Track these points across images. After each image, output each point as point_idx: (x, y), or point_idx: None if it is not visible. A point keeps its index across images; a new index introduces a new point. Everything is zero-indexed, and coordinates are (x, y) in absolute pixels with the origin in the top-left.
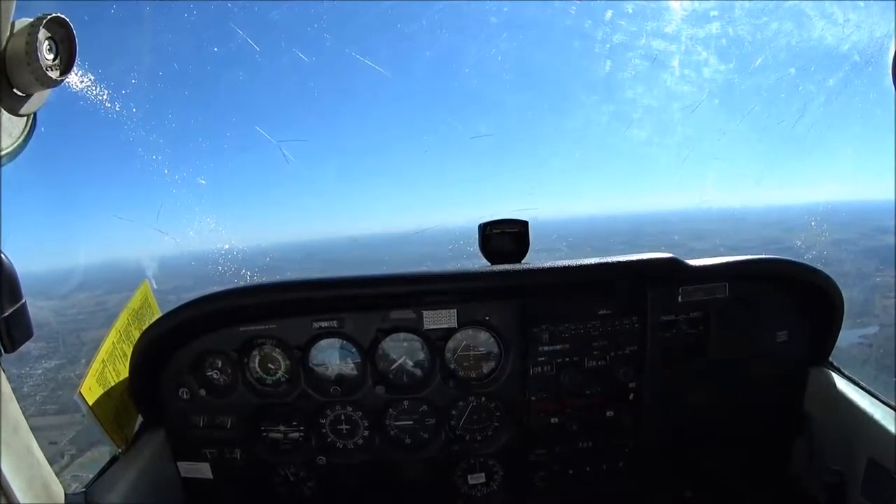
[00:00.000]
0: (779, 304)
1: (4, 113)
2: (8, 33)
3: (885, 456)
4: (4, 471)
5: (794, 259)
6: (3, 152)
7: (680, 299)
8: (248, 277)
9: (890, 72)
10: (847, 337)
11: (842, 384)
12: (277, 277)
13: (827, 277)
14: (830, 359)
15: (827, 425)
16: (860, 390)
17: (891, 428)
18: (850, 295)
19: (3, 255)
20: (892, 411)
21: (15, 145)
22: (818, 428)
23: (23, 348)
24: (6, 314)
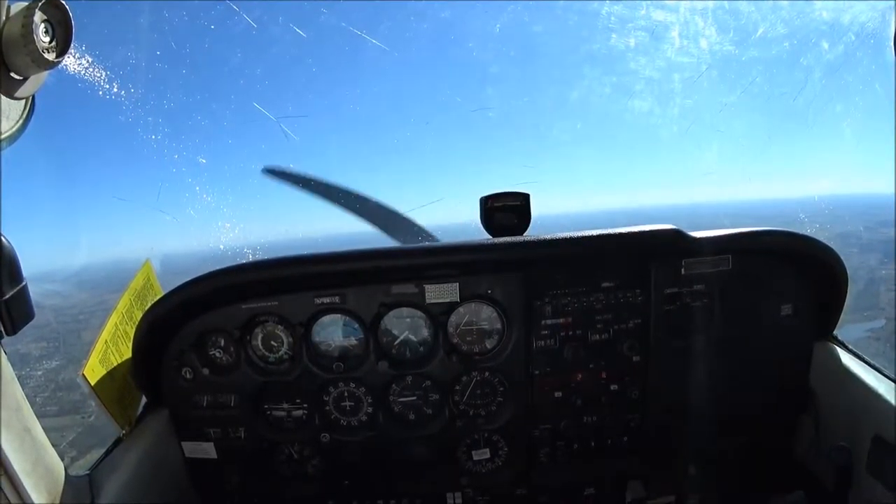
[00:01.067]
0: (783, 277)
1: (2, 97)
2: (4, 17)
3: (891, 432)
4: (7, 452)
5: (797, 232)
6: (2, 136)
7: (683, 272)
8: (251, 256)
9: (891, 44)
10: (854, 331)
11: (846, 359)
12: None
13: (831, 250)
14: (835, 333)
15: (832, 401)
16: (865, 365)
17: (894, 402)
18: (856, 289)
19: (3, 238)
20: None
21: (14, 129)
22: (823, 404)
23: (23, 349)
24: (7, 296)
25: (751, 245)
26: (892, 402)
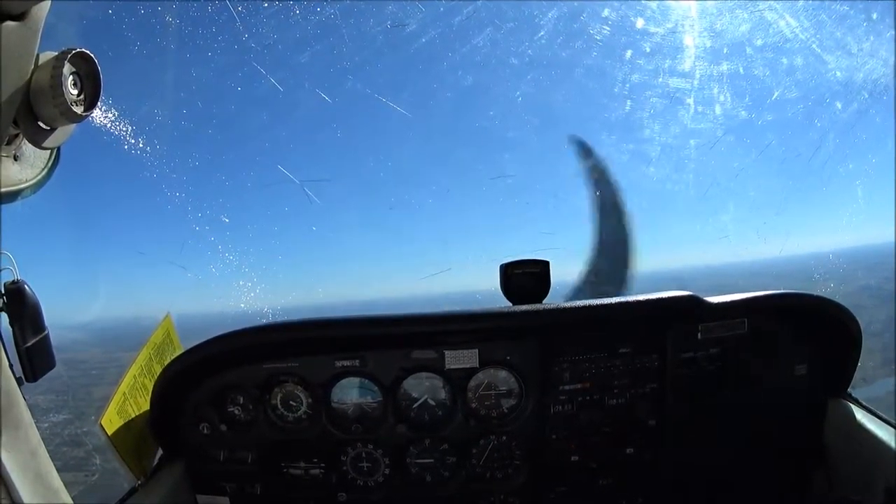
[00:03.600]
0: (797, 337)
1: (28, 145)
2: (32, 65)
3: None
4: (22, 496)
5: (810, 293)
6: (26, 184)
7: (699, 336)
8: (271, 316)
9: None
10: (886, 385)
11: (861, 415)
12: (300, 316)
13: (844, 309)
14: (849, 390)
15: (846, 457)
16: (879, 421)
17: None
18: (882, 343)
19: (26, 287)
20: None
21: (38, 178)
22: (837, 460)
23: (31, 399)
24: (29, 344)
25: (766, 308)
26: None
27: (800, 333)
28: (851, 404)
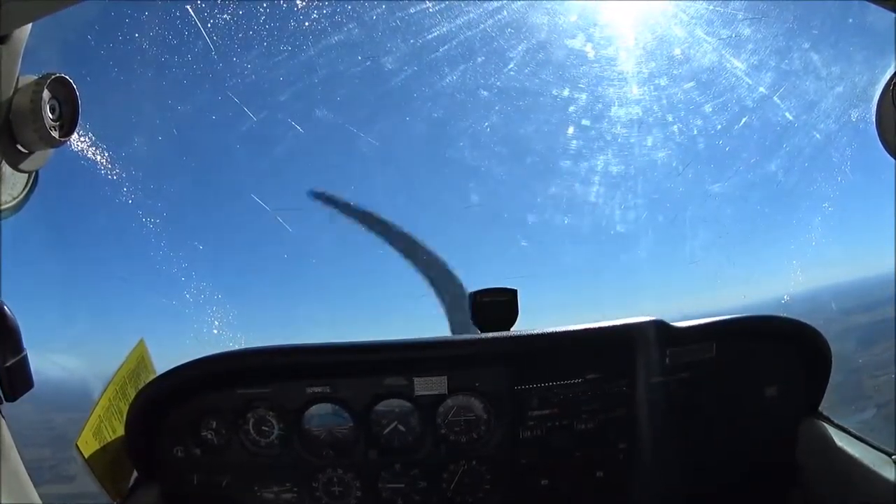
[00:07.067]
0: (767, 359)
1: (7, 167)
2: (13, 89)
3: (878, 500)
4: None
5: (777, 315)
6: (5, 206)
7: (668, 361)
8: (243, 341)
9: (874, 119)
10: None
11: (833, 433)
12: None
13: (813, 329)
14: (820, 409)
15: (821, 475)
16: (851, 438)
17: (882, 472)
18: (835, 382)
19: (5, 307)
20: (883, 455)
21: (16, 201)
22: (812, 478)
23: None
24: (8, 364)
25: (734, 331)
26: (879, 471)
27: (768, 355)
28: (824, 423)
